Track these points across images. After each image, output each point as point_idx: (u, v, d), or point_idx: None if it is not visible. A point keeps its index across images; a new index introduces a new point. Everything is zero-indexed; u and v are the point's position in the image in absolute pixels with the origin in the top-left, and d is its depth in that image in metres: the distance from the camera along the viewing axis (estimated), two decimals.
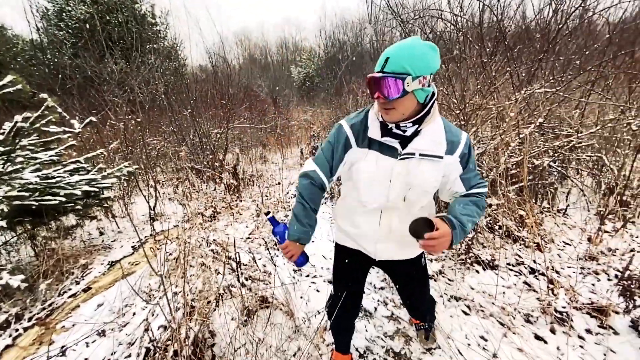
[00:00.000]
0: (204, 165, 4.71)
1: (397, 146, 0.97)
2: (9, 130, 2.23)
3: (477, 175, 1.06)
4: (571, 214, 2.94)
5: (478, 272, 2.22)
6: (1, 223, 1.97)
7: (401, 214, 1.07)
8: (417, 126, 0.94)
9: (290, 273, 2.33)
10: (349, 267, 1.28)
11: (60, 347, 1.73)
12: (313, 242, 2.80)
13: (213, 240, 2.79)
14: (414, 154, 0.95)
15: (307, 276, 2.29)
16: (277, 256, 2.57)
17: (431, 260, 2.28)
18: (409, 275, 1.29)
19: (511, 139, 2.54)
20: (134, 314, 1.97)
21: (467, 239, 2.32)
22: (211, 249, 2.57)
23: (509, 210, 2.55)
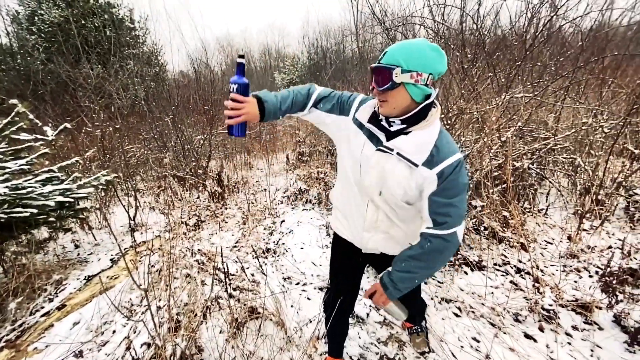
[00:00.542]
0: (186, 173, 4.58)
1: (381, 137, 0.98)
2: None
3: (451, 208, 0.91)
4: (550, 214, 3.04)
5: (466, 273, 2.25)
6: None
7: (387, 212, 1.06)
8: (406, 126, 0.93)
9: (280, 282, 2.27)
10: (343, 258, 1.31)
11: None
12: (302, 248, 2.76)
13: (198, 250, 2.69)
14: (393, 150, 0.93)
15: (298, 284, 2.24)
16: (266, 264, 2.51)
17: None
18: None
19: (492, 142, 2.61)
20: (114, 331, 1.85)
21: None
22: (196, 259, 2.47)
23: (493, 211, 2.61)
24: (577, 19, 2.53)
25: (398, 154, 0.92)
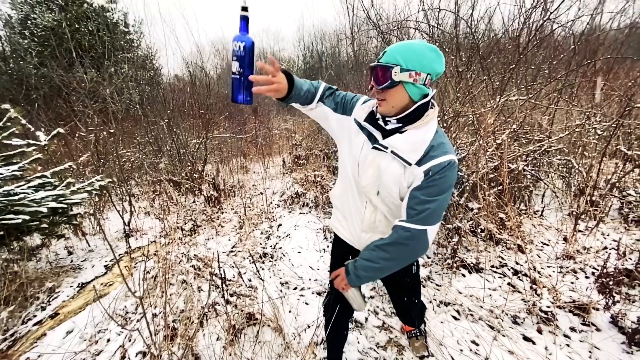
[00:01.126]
0: (182, 177, 4.54)
1: (377, 136, 0.99)
2: None
3: (428, 206, 0.89)
4: (546, 215, 3.06)
5: (464, 275, 2.25)
6: None
7: (385, 212, 1.06)
8: (402, 125, 0.94)
9: (278, 287, 2.25)
10: (342, 260, 1.29)
11: None
12: (300, 252, 2.74)
13: (194, 256, 2.66)
14: (387, 148, 0.94)
15: (295, 289, 2.22)
16: (263, 269, 2.49)
17: (423, 266, 2.29)
18: (400, 280, 1.28)
19: (488, 144, 2.63)
20: (109, 340, 1.82)
21: (452, 244, 2.35)
22: (192, 265, 2.44)
23: (490, 213, 2.62)
24: (569, 22, 2.57)
25: (392, 152, 0.93)
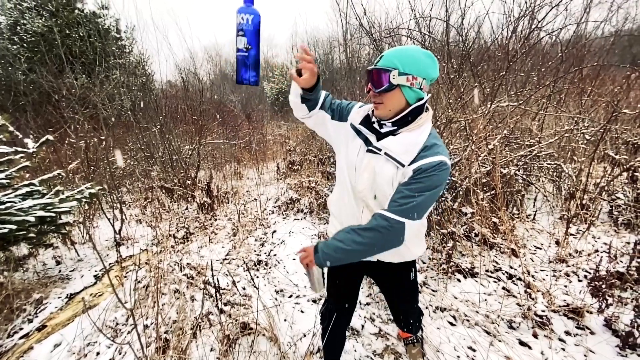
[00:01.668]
0: (174, 184, 4.49)
1: (371, 139, 1.00)
2: None
3: (412, 200, 0.88)
4: (538, 219, 3.10)
5: (459, 280, 2.25)
6: None
7: None
8: (396, 128, 0.96)
9: (272, 295, 2.22)
10: (339, 268, 1.26)
11: None
12: (295, 259, 2.71)
13: (187, 264, 2.62)
14: (381, 150, 0.96)
15: (291, 297, 2.19)
16: (258, 277, 2.45)
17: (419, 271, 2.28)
18: (398, 286, 1.27)
19: (480, 150, 2.66)
20: (98, 353, 1.76)
21: (447, 249, 2.36)
22: (185, 274, 2.40)
23: (483, 217, 2.64)
24: (555, 31, 2.64)
25: (386, 153, 0.94)
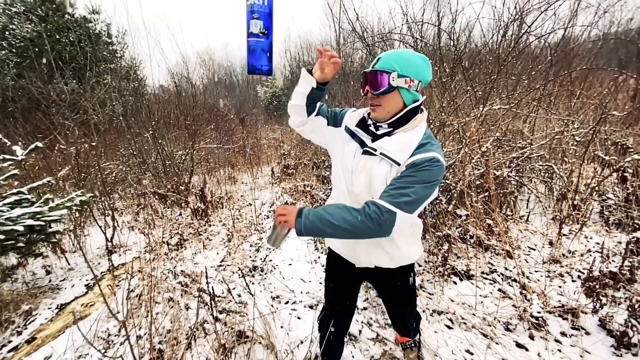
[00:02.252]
0: (167, 189, 4.43)
1: (367, 141, 1.01)
2: None
3: (403, 191, 0.88)
4: (531, 220, 3.13)
5: (456, 283, 2.26)
6: None
7: None
8: (392, 129, 0.98)
9: (269, 301, 2.20)
10: (337, 275, 1.29)
11: None
12: (291, 264, 2.69)
13: (181, 272, 2.58)
14: (377, 150, 0.96)
15: (287, 303, 2.17)
16: (253, 284, 2.42)
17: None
18: (396, 291, 1.27)
19: (473, 152, 2.69)
20: None
21: (443, 251, 2.36)
22: (179, 282, 2.36)
23: (478, 219, 2.66)
24: (544, 35, 2.70)
25: (382, 153, 0.95)
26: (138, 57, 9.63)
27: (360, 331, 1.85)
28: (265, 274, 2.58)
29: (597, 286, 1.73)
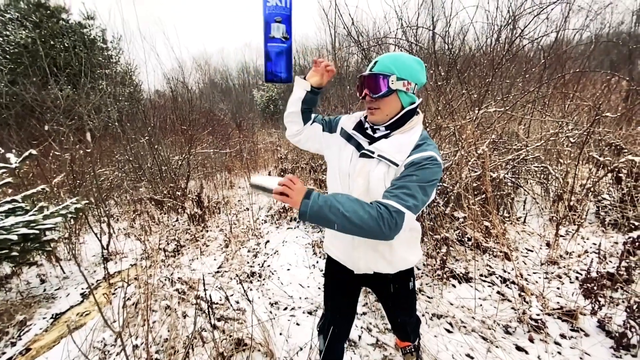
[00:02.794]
0: (164, 195, 4.40)
1: (364, 144, 1.01)
2: None
3: (404, 190, 0.86)
4: (528, 221, 3.15)
5: (454, 286, 2.25)
6: None
7: None
8: (389, 131, 0.98)
9: (267, 307, 2.18)
10: (336, 281, 1.28)
11: None
12: (289, 269, 2.68)
13: (178, 279, 2.55)
14: (374, 153, 0.97)
15: (286, 309, 2.15)
16: (251, 290, 2.40)
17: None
18: (396, 296, 1.26)
19: (470, 155, 2.70)
20: None
21: (441, 254, 2.36)
22: (176, 289, 2.34)
23: (475, 222, 2.66)
24: (537, 38, 2.73)
25: (379, 155, 0.96)
26: (133, 62, 9.58)
27: (359, 336, 1.84)
28: (264, 279, 2.56)
29: (595, 287, 1.74)
